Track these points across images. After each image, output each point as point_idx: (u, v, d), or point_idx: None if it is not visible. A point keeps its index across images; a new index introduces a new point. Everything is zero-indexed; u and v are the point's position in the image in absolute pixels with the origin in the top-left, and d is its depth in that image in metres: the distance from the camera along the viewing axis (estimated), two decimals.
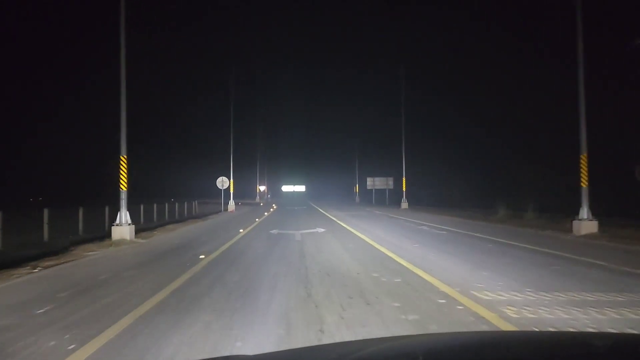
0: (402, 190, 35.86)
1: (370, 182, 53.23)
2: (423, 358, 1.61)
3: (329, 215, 25.04)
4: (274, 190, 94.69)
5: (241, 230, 15.42)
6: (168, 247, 11.15)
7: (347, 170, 78.76)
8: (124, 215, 12.78)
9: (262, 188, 77.64)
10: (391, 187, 52.27)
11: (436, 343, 1.95)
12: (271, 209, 34.69)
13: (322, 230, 15.32)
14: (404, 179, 35.12)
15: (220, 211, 32.36)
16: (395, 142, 61.42)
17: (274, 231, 15.01)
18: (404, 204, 34.50)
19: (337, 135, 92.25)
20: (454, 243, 11.69)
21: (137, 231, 13.62)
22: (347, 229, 15.78)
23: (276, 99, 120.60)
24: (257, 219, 21.94)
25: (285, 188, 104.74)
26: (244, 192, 76.79)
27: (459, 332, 3.78)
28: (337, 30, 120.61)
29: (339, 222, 19.55)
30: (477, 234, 13.86)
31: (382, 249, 10.26)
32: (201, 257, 9.20)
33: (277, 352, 3.10)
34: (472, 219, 21.02)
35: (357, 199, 60.93)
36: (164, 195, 65.30)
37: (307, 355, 1.90)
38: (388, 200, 50.25)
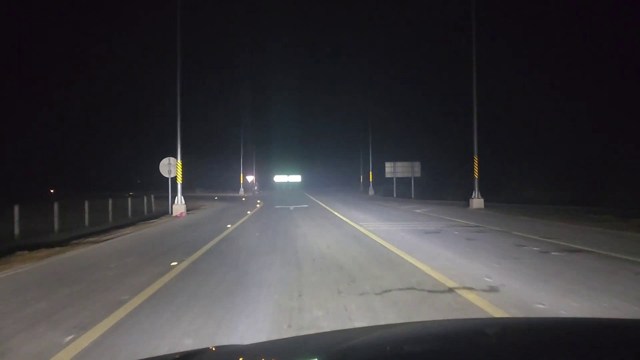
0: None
1: (389, 167, 39.66)
2: (414, 346, 1.57)
3: (380, 241, 10.24)
4: (265, 180, 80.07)
5: None
6: None
7: (349, 156, 64.18)
8: None
9: (250, 178, 63.36)
10: (418, 174, 38.03)
11: (428, 331, 1.84)
12: (248, 212, 19.98)
13: None
14: (475, 158, 20.42)
15: (168, 213, 19.56)
16: (416, 122, 46.78)
17: None
18: (477, 201, 19.94)
19: (339, 113, 76.81)
20: None
21: None
22: None
23: (265, 71, 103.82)
24: (174, 263, 7.25)
25: (278, 178, 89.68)
26: (227, 184, 62.78)
27: (453, 320, 3.50)
28: None
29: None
30: None
31: None
32: None
33: (270, 341, 2.85)
34: None
35: (371, 190, 45.92)
36: (140, 188, 52.30)
37: (300, 344, 1.80)
38: (414, 192, 35.82)
